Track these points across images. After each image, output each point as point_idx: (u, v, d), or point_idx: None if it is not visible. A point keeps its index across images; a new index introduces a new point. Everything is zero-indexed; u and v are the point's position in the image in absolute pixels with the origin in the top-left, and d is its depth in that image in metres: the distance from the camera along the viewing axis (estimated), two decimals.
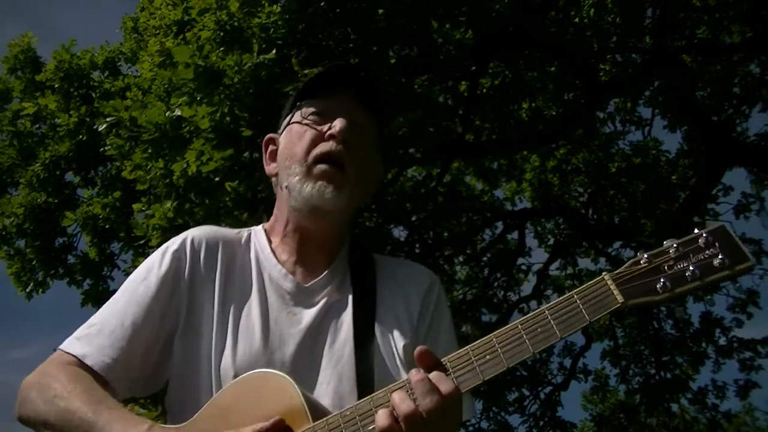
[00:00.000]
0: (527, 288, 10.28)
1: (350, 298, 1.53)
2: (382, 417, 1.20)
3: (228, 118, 4.74)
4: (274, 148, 1.65)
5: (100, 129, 5.47)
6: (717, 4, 7.89)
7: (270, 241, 1.60)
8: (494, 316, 9.69)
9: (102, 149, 5.86)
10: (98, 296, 7.84)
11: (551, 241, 10.53)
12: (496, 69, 8.14)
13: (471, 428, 9.54)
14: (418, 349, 1.25)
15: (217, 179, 4.72)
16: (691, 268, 1.18)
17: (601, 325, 10.90)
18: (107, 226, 7.08)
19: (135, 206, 5.23)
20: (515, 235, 9.91)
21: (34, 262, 7.85)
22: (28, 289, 7.89)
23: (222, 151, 4.65)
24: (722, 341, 9.85)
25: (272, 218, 1.65)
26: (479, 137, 8.54)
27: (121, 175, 5.49)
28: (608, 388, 11.24)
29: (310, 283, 1.53)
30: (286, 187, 1.54)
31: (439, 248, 8.96)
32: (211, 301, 1.50)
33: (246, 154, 5.14)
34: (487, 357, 1.23)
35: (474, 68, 7.28)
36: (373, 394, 1.28)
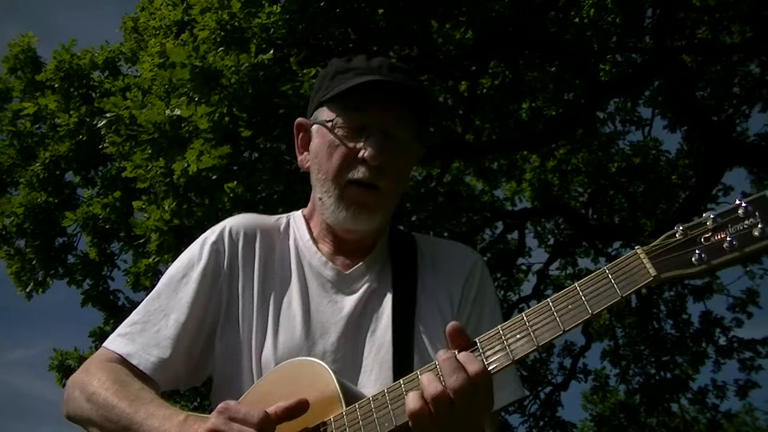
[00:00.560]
0: (527, 288, 10.29)
1: (390, 284, 1.51)
2: (411, 399, 1.17)
3: (227, 119, 4.74)
4: (306, 137, 1.59)
5: (99, 125, 5.46)
6: (717, 4, 7.89)
7: (310, 230, 1.58)
8: None
9: (101, 147, 5.85)
10: (98, 296, 7.85)
11: (551, 241, 10.54)
12: (496, 69, 8.14)
13: None
14: (450, 325, 1.21)
15: (214, 177, 4.72)
16: (729, 239, 1.10)
17: (601, 325, 10.90)
18: (107, 226, 7.08)
19: (135, 203, 5.23)
20: (515, 235, 9.91)
21: (34, 262, 7.84)
22: (28, 289, 7.89)
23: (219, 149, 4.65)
24: (722, 341, 9.87)
25: (310, 205, 1.61)
26: (479, 137, 8.54)
27: (121, 175, 5.49)
28: (608, 388, 11.24)
29: (350, 270, 1.52)
30: (320, 199, 1.52)
31: None
32: (251, 292, 1.49)
33: (246, 154, 5.14)
34: (518, 336, 1.19)
35: (474, 68, 7.28)
36: (404, 378, 1.26)
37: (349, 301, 1.49)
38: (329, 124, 1.50)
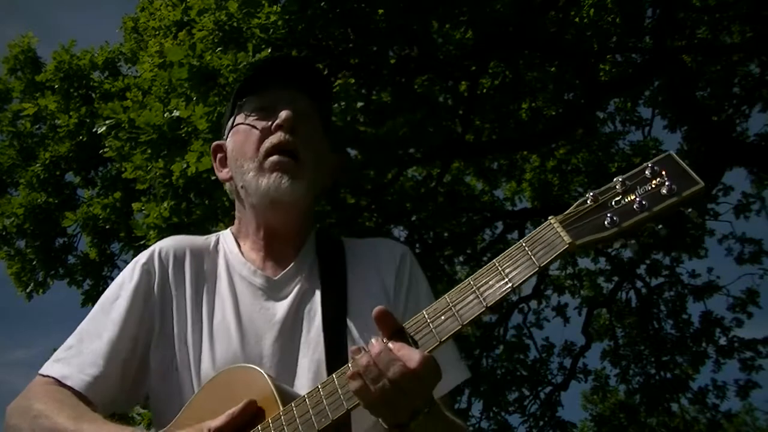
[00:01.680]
0: (527, 288, 10.29)
1: (319, 284, 1.53)
2: (351, 382, 1.18)
3: None
4: (223, 154, 1.66)
5: (99, 131, 5.47)
6: (717, 4, 7.88)
7: (238, 244, 1.61)
8: (494, 315, 9.70)
9: (101, 150, 5.85)
10: (98, 296, 7.82)
11: None
12: (496, 69, 8.14)
13: (471, 428, 9.54)
14: (376, 309, 1.21)
15: (213, 177, 4.72)
16: (638, 199, 1.12)
17: (601, 325, 10.90)
18: (107, 227, 7.08)
19: (134, 205, 5.23)
20: (515, 235, 9.90)
21: (34, 263, 7.84)
22: (28, 290, 7.88)
23: None
24: (722, 341, 9.86)
25: (236, 222, 1.66)
26: (479, 137, 8.54)
27: (121, 176, 5.49)
28: (608, 388, 11.23)
29: (278, 276, 1.54)
30: (242, 186, 1.56)
31: (439, 248, 8.96)
32: (184, 309, 1.51)
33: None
34: (443, 317, 1.19)
35: (474, 68, 7.28)
36: (336, 372, 1.27)
37: (280, 307, 1.50)
38: (239, 119, 1.59)
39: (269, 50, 4.88)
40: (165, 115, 4.78)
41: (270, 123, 1.55)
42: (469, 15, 6.36)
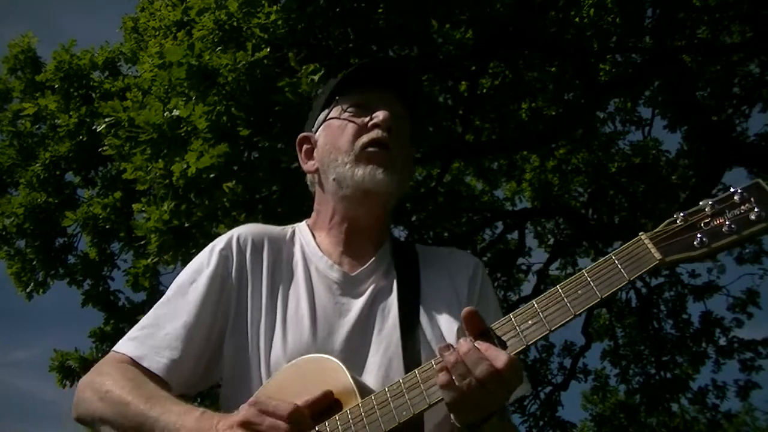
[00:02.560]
0: (527, 288, 10.29)
1: (395, 284, 1.55)
2: (441, 376, 1.21)
3: (224, 118, 4.74)
4: (310, 146, 1.67)
5: (98, 129, 5.47)
6: (717, 4, 7.88)
7: (314, 236, 1.63)
8: None
9: (101, 150, 5.86)
10: (98, 296, 7.84)
11: (551, 241, 10.53)
12: (496, 69, 8.14)
13: None
14: (466, 310, 1.25)
15: (212, 176, 4.71)
16: (727, 223, 1.17)
17: (601, 325, 10.91)
18: (107, 227, 7.08)
19: (135, 206, 5.24)
20: (515, 235, 9.91)
21: (34, 263, 7.84)
22: (28, 290, 7.88)
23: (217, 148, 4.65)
24: (722, 341, 9.87)
25: (314, 214, 1.67)
26: (479, 137, 8.54)
27: (121, 176, 5.49)
28: (608, 388, 11.24)
29: (356, 272, 1.56)
30: (334, 179, 1.57)
31: None
32: (260, 296, 1.52)
33: (245, 154, 5.14)
34: (530, 322, 1.23)
35: (474, 68, 7.28)
36: (418, 368, 1.29)
37: (355, 304, 1.52)
38: (335, 113, 1.61)
39: (268, 49, 4.88)
40: (165, 115, 4.78)
41: (367, 120, 1.57)
42: (469, 15, 6.36)
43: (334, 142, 1.58)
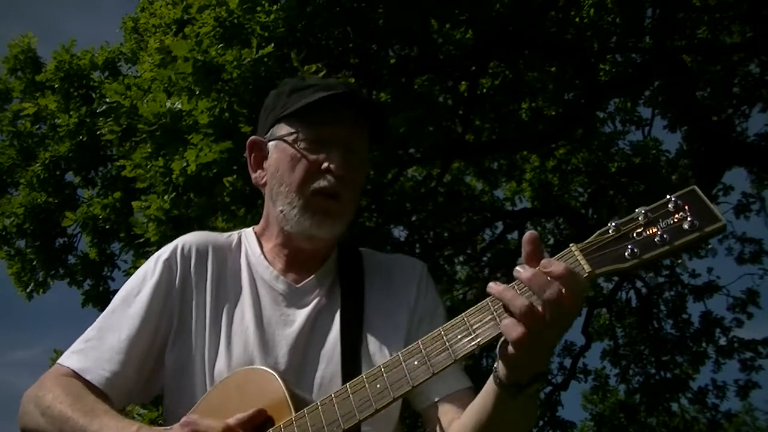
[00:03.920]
0: None
1: (339, 297, 1.55)
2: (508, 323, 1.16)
3: (227, 114, 4.74)
4: (261, 155, 1.62)
5: (99, 110, 5.44)
6: (717, 4, 7.88)
7: (260, 244, 1.62)
8: None
9: (98, 131, 5.84)
10: (99, 296, 7.84)
11: (551, 241, 10.53)
12: (496, 69, 8.14)
13: None
14: (529, 233, 1.21)
15: (215, 170, 4.71)
16: (659, 233, 1.13)
17: (601, 325, 10.90)
18: (107, 227, 7.09)
19: (135, 204, 5.24)
20: (515, 235, 9.90)
21: (34, 263, 7.85)
22: (28, 290, 7.89)
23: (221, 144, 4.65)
24: (722, 341, 9.86)
25: (262, 222, 1.65)
26: (479, 137, 8.54)
27: (121, 174, 5.49)
28: (608, 388, 11.23)
29: (301, 284, 1.55)
30: (281, 211, 1.54)
31: (439, 248, 8.96)
32: (204, 306, 1.52)
33: (245, 150, 5.13)
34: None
35: (474, 68, 7.28)
36: (349, 383, 1.30)
37: (300, 315, 1.52)
38: (290, 138, 1.54)
39: (272, 46, 4.87)
40: (168, 106, 4.77)
41: (320, 159, 1.51)
42: (469, 15, 6.36)
43: (285, 175, 1.53)
